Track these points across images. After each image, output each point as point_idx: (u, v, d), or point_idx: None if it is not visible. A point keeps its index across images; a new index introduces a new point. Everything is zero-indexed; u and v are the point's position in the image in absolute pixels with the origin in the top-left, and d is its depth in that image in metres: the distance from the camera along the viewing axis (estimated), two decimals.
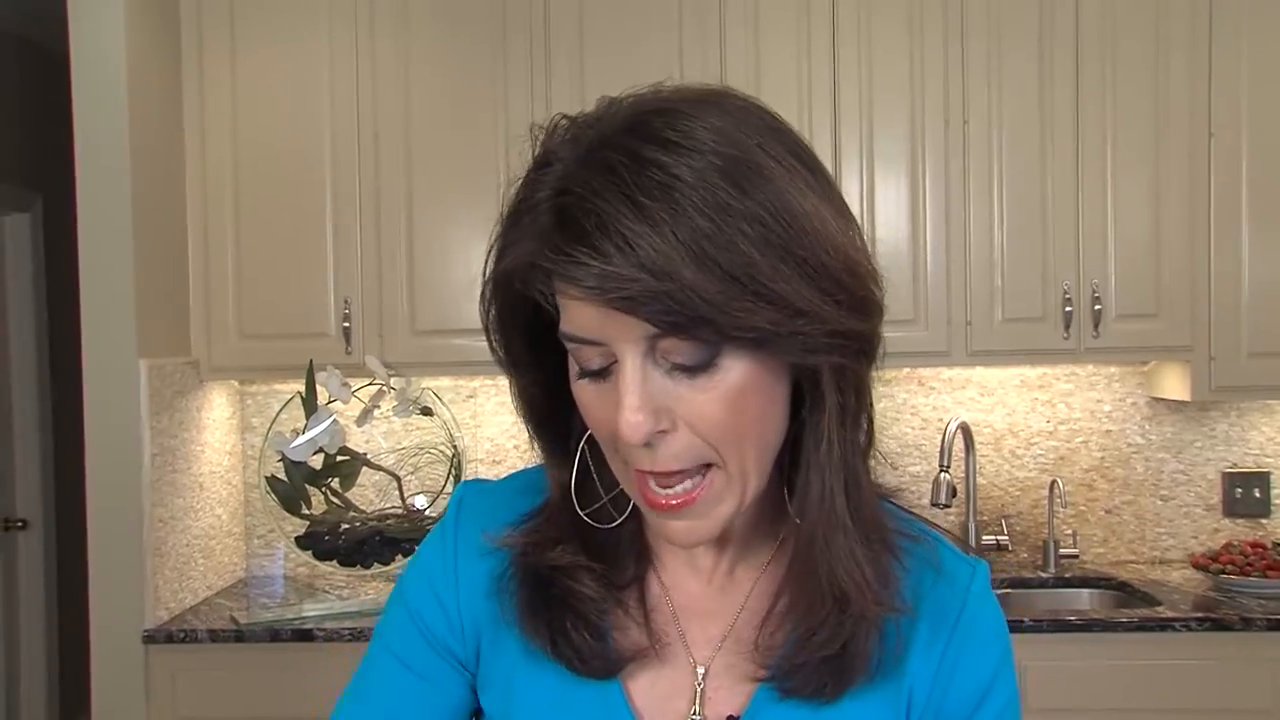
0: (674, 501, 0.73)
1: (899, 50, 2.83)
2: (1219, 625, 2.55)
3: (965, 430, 3.00)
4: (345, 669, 2.72)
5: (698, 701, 0.83)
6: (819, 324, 0.70)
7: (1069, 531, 3.06)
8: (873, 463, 0.80)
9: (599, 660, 0.82)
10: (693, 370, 0.71)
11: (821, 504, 0.75)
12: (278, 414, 2.93)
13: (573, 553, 0.82)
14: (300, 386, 2.83)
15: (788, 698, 0.80)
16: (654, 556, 0.86)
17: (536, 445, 0.84)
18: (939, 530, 0.87)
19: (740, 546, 0.85)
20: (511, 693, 0.85)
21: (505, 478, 0.92)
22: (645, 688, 0.83)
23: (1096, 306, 2.80)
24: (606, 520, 0.82)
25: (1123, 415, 3.12)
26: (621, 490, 0.80)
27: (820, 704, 0.80)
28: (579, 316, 0.71)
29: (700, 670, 0.83)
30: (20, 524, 4.36)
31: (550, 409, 0.82)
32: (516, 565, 0.84)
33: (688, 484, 0.74)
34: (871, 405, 0.78)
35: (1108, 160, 2.82)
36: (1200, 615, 2.57)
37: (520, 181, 0.74)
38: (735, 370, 0.71)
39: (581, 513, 0.81)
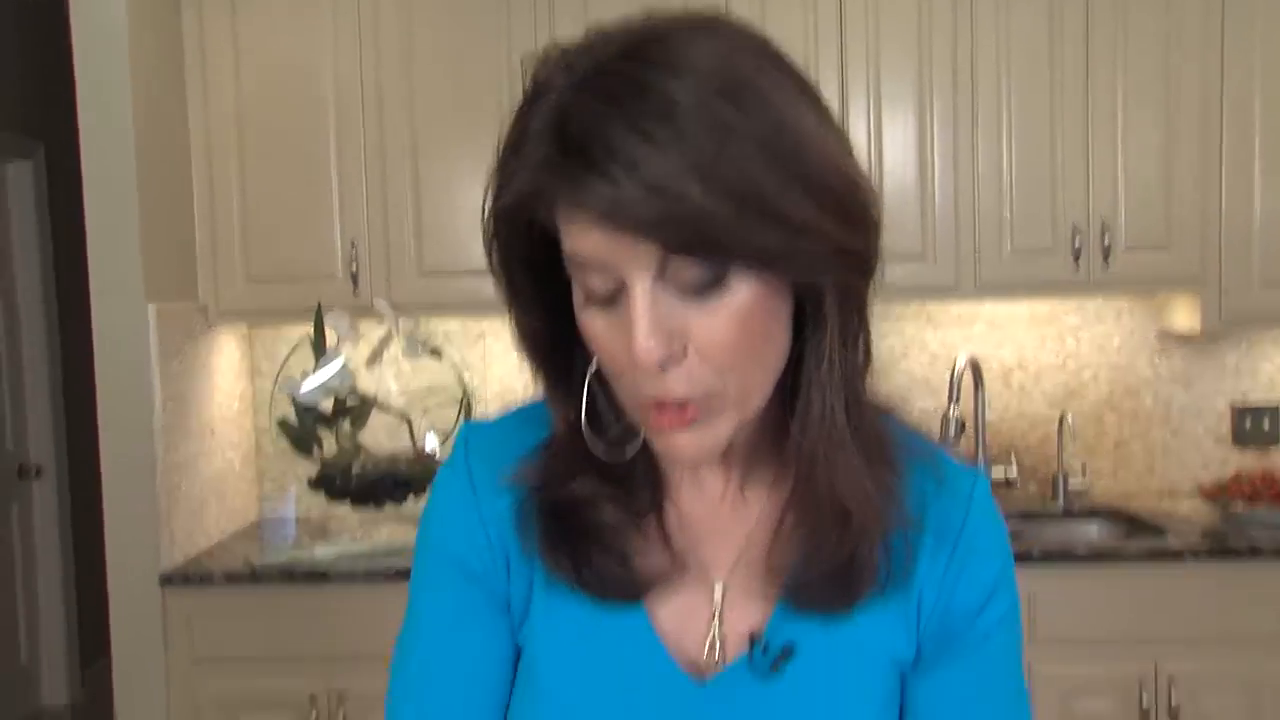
0: (677, 419, 0.74)
1: None
2: (1227, 554, 2.56)
3: (974, 365, 3.00)
4: (359, 609, 2.74)
5: (717, 620, 0.84)
6: (823, 242, 0.71)
7: (1078, 465, 3.07)
8: (870, 379, 0.81)
9: (623, 585, 0.83)
10: (702, 292, 0.71)
11: (822, 422, 0.77)
12: (287, 358, 2.93)
13: (591, 483, 0.82)
14: (308, 330, 2.84)
15: (801, 611, 0.82)
16: (666, 484, 0.87)
17: (540, 382, 0.84)
18: (938, 444, 0.88)
19: (746, 468, 0.85)
20: (534, 625, 0.86)
21: (504, 414, 0.91)
22: (667, 610, 0.85)
23: (1106, 239, 2.78)
24: (616, 453, 0.82)
25: (1132, 349, 3.11)
26: (631, 423, 0.80)
27: (833, 616, 0.82)
28: (586, 242, 0.70)
29: (719, 589, 0.85)
30: (35, 471, 4.39)
31: (553, 344, 0.82)
32: (534, 500, 0.84)
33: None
34: (869, 325, 0.79)
35: (1118, 91, 2.79)
36: (1208, 545, 2.59)
37: (515, 114, 0.73)
38: (743, 291, 0.71)
39: (596, 447, 0.81)
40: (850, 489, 0.78)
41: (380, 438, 2.98)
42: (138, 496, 2.66)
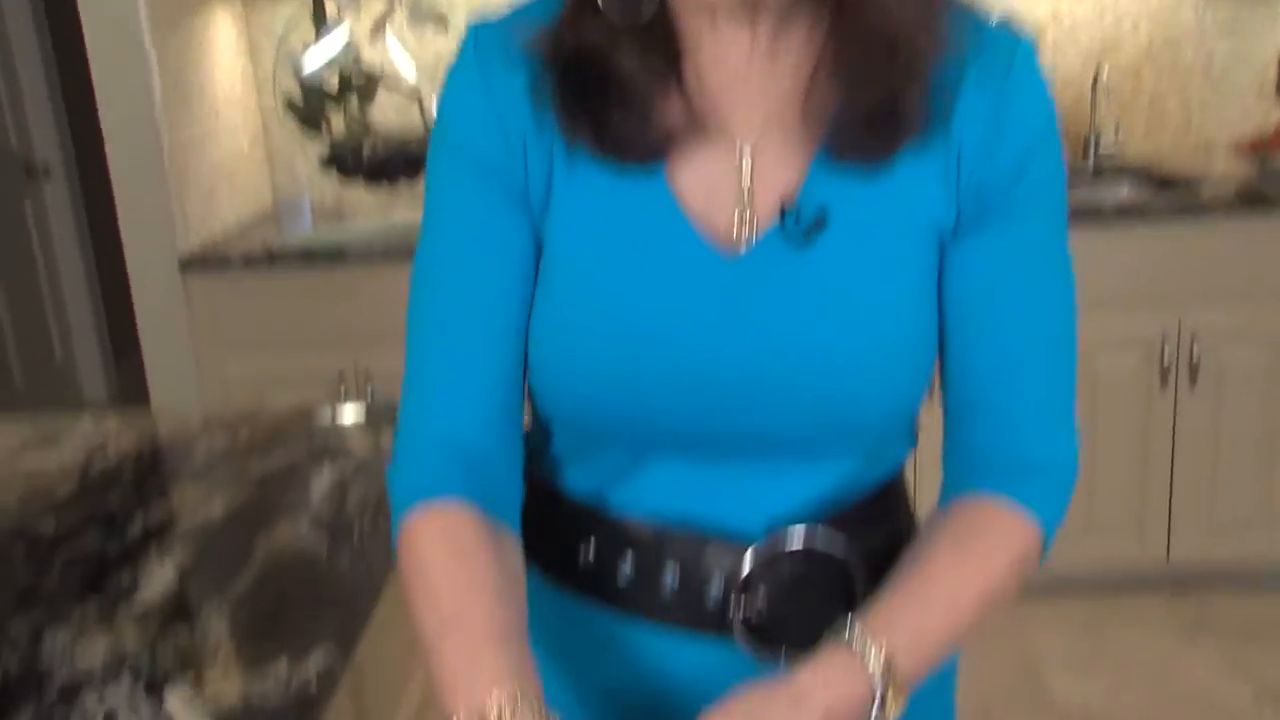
0: None
1: None
2: (1259, 206, 2.50)
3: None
4: (379, 288, 2.71)
5: (746, 190, 0.80)
6: None
7: (1111, 124, 2.96)
8: None
9: (643, 143, 0.79)
10: None
11: None
12: (286, 32, 2.80)
13: (607, 33, 0.77)
14: (306, 3, 2.70)
15: (839, 164, 0.78)
16: (688, 45, 0.80)
17: None
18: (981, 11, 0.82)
19: (779, 19, 0.78)
20: (554, 210, 0.82)
21: (510, 10, 0.84)
22: (691, 179, 0.80)
23: None
24: (631, 12, 0.76)
25: None
26: None
27: (873, 166, 0.78)
28: None
29: (747, 153, 0.80)
30: (44, 171, 4.33)
31: None
32: (550, 63, 0.79)
33: None
34: None
35: None
36: (1240, 198, 2.52)
37: None
38: None
39: (611, 7, 0.75)
40: (898, 12, 0.73)
41: (390, 117, 2.89)
42: (148, 182, 2.60)
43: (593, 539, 0.87)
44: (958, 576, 0.78)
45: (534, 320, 0.83)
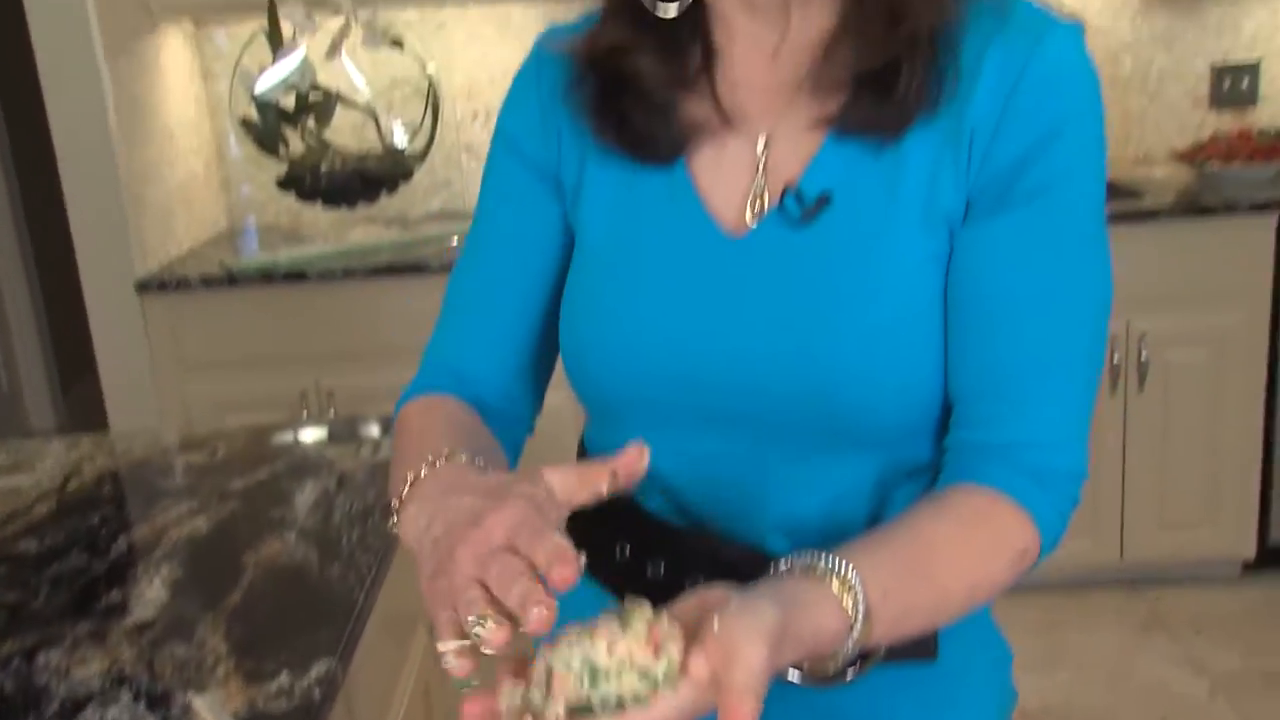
0: None
1: None
2: (1200, 211, 2.58)
3: None
4: (338, 308, 2.68)
5: (761, 174, 0.83)
6: None
7: None
8: None
9: (664, 142, 0.84)
10: None
11: None
12: (241, 53, 2.80)
13: (634, 34, 0.82)
14: (260, 24, 2.70)
15: (850, 137, 0.79)
16: (720, 41, 0.85)
17: None
18: None
19: (801, 11, 0.80)
20: (583, 198, 0.88)
21: (585, 16, 0.90)
22: (711, 168, 0.84)
23: None
24: (664, 4, 0.81)
25: (1113, 12, 3.02)
26: None
27: (881, 143, 0.78)
28: None
29: (762, 140, 0.83)
30: None
31: None
32: (582, 64, 0.86)
33: None
34: None
35: None
36: (1182, 204, 2.60)
37: None
38: None
39: None
40: None
41: (347, 138, 2.89)
42: (103, 203, 2.58)
43: (629, 543, 0.89)
44: (956, 559, 0.75)
45: (563, 304, 0.89)
